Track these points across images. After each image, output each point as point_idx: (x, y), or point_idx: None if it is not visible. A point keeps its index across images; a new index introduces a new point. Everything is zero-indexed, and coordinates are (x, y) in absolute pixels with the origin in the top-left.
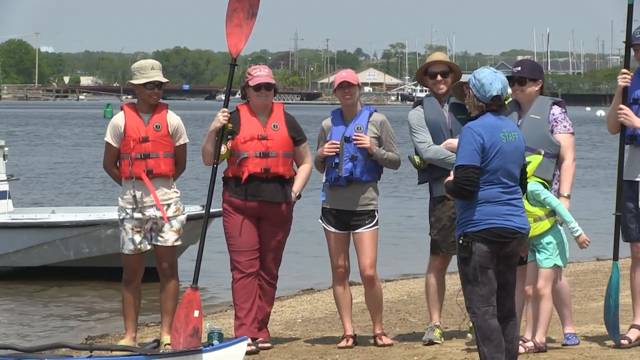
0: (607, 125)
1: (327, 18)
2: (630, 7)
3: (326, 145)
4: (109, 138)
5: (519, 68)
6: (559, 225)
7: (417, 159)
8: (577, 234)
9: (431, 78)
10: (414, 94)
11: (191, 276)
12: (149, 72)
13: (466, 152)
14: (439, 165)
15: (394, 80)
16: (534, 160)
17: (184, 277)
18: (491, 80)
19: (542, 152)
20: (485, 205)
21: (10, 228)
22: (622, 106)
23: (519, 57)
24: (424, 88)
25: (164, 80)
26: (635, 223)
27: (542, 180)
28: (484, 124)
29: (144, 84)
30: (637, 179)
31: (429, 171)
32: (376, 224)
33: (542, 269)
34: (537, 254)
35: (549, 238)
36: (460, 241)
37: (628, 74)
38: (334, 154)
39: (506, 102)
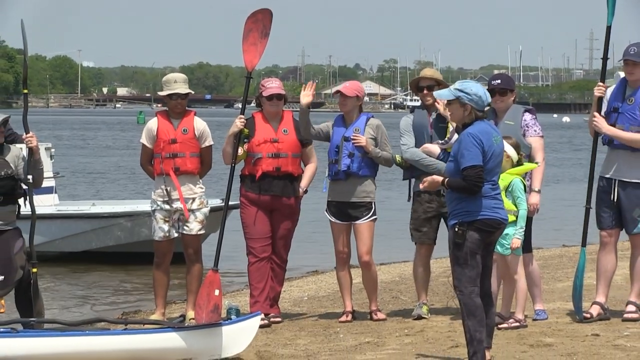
0: (588, 130)
1: (329, 37)
2: (608, 29)
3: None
4: (144, 139)
5: (499, 81)
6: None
7: (398, 158)
8: (517, 236)
9: (419, 91)
10: (404, 103)
11: (213, 260)
12: (173, 85)
13: (473, 154)
14: (415, 165)
15: (388, 91)
16: (528, 166)
17: (207, 261)
18: (483, 91)
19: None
20: (478, 199)
21: (56, 218)
22: (595, 114)
23: (496, 71)
24: (414, 98)
25: (185, 91)
26: (608, 213)
27: (524, 182)
28: (481, 130)
29: (169, 95)
30: (613, 177)
31: (411, 169)
32: (373, 214)
33: (508, 256)
34: (498, 245)
35: (509, 230)
36: (456, 229)
37: (603, 87)
38: (334, 147)
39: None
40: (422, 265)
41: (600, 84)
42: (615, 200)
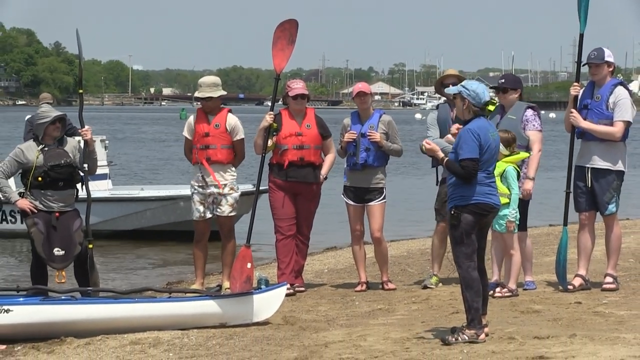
0: (564, 125)
1: (346, 44)
2: (581, 36)
3: (346, 135)
4: (185, 132)
5: (503, 80)
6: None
7: (423, 147)
8: (511, 218)
9: (443, 88)
10: (412, 102)
11: (245, 237)
12: (201, 89)
13: (470, 148)
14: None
15: (397, 91)
16: (522, 155)
17: (240, 238)
18: (482, 89)
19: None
20: (473, 185)
21: (110, 201)
22: (572, 110)
23: (491, 74)
24: (420, 97)
25: (205, 95)
26: (583, 198)
27: (518, 169)
28: (479, 126)
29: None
30: (586, 165)
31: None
32: (384, 198)
33: (504, 234)
34: (496, 224)
35: (505, 211)
36: (452, 212)
37: (578, 86)
38: (352, 141)
39: (492, 107)
40: (438, 239)
41: (575, 84)
42: (589, 186)
